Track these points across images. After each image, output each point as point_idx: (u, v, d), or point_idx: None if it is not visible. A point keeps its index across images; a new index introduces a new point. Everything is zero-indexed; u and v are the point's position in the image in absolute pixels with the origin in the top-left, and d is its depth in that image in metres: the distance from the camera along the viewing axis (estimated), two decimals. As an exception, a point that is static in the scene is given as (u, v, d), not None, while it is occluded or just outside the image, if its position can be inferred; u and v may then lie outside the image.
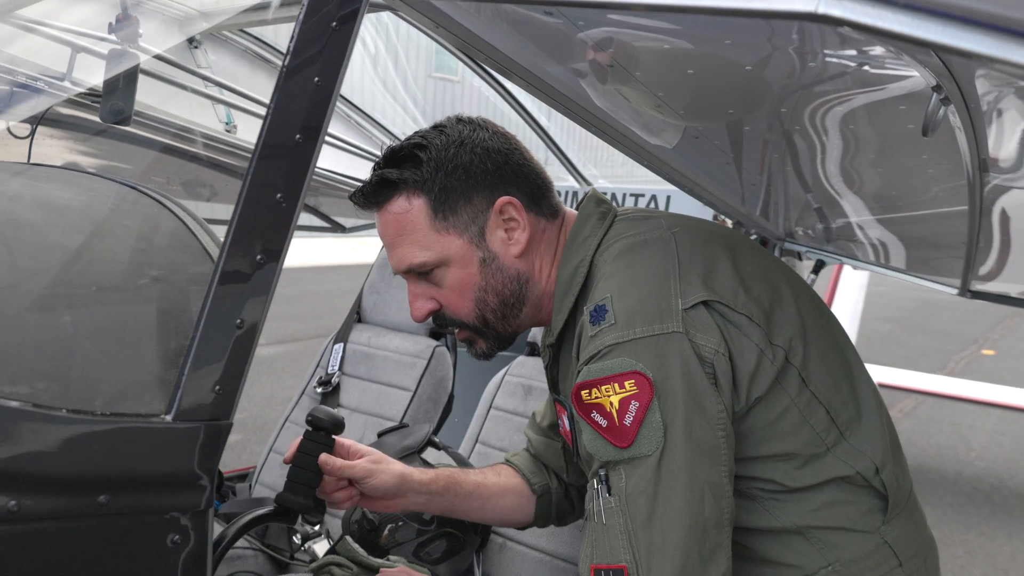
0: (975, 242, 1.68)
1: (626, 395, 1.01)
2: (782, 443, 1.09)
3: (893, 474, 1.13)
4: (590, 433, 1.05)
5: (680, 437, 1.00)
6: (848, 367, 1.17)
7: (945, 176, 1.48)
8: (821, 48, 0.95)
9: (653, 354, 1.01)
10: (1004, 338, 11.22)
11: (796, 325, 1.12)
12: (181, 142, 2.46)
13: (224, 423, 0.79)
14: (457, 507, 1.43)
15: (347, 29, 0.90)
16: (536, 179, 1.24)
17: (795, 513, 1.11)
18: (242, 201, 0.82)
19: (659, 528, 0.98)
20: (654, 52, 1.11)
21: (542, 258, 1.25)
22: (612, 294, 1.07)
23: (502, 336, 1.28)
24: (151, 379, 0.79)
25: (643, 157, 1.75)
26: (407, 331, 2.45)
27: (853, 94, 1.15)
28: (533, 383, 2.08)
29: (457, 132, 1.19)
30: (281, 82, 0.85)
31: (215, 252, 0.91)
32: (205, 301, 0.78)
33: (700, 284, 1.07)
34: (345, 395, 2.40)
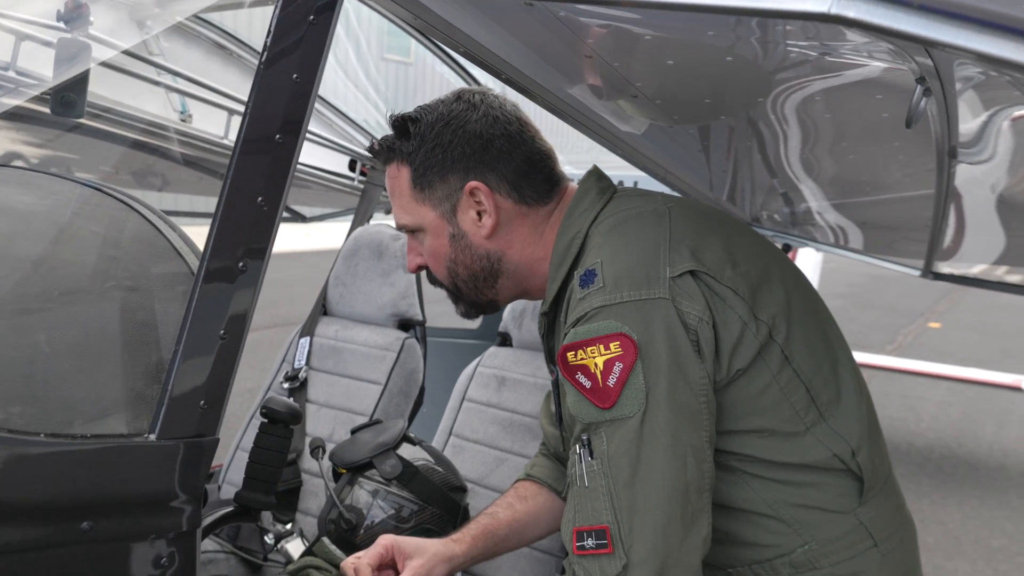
0: (940, 225, 1.71)
1: (611, 356, 1.02)
2: (761, 418, 1.11)
3: (869, 457, 1.15)
4: (574, 395, 1.06)
5: (663, 399, 1.01)
6: (831, 349, 1.19)
7: (913, 162, 1.50)
8: (805, 41, 0.95)
9: (639, 317, 1.03)
10: (949, 311, 11.59)
11: (782, 304, 1.14)
12: (132, 131, 2.37)
13: (210, 439, 0.76)
14: (500, 553, 1.47)
15: (325, 22, 0.86)
16: (522, 165, 1.26)
17: (771, 489, 1.12)
18: (222, 206, 0.78)
19: (641, 489, 1.00)
20: (635, 43, 1.10)
21: (523, 239, 1.28)
22: (602, 259, 1.09)
23: (477, 303, 1.35)
24: (132, 397, 0.75)
25: (612, 143, 1.74)
26: (375, 323, 2.41)
27: (831, 85, 1.15)
28: (507, 374, 2.07)
29: (448, 111, 1.24)
30: (258, 80, 0.81)
31: (190, 257, 0.87)
32: (187, 312, 0.74)
33: (689, 255, 1.09)
34: (313, 390, 2.36)
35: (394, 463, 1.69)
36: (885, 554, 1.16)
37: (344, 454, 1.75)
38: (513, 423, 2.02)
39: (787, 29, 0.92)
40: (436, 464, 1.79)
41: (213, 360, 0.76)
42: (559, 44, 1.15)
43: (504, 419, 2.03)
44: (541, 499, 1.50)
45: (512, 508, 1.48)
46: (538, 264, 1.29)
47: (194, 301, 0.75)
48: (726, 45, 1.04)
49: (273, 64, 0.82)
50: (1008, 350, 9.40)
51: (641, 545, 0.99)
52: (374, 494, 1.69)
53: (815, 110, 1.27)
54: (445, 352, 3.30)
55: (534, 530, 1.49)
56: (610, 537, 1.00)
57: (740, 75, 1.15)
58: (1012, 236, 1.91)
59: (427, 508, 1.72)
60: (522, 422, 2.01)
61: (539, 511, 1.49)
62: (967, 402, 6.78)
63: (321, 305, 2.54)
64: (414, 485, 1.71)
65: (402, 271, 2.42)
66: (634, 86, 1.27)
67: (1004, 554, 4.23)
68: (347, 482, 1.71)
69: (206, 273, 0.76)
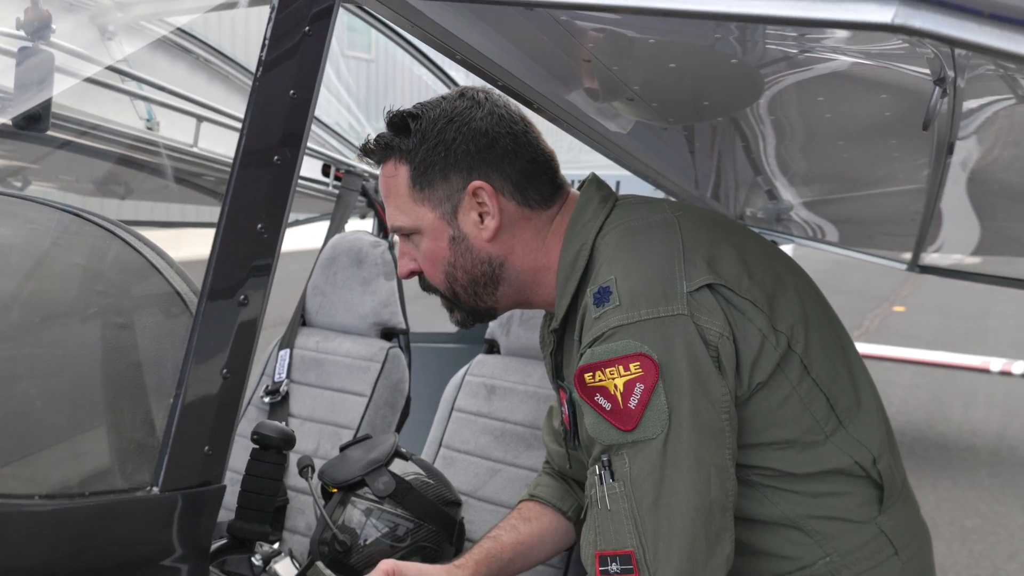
0: (929, 219, 1.71)
1: (631, 377, 1.00)
2: (782, 430, 1.08)
3: (889, 464, 1.14)
4: (593, 416, 1.03)
5: (686, 420, 0.99)
6: (846, 355, 1.17)
7: (907, 158, 1.49)
8: (818, 44, 0.92)
9: (658, 336, 1.00)
10: (912, 295, 11.82)
11: (798, 312, 1.12)
12: (94, 140, 2.28)
13: (216, 488, 0.70)
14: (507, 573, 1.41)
15: (321, 31, 0.81)
16: (527, 166, 1.21)
17: (793, 502, 1.10)
18: (220, 236, 0.72)
19: (666, 512, 0.98)
20: (636, 47, 1.06)
21: (526, 244, 1.23)
22: (616, 276, 1.06)
23: (476, 310, 1.29)
24: (131, 447, 0.70)
25: (603, 146, 1.71)
26: (357, 333, 2.35)
27: (835, 85, 1.13)
28: (496, 382, 2.03)
29: (452, 108, 1.19)
30: (253, 98, 0.75)
31: (183, 288, 0.81)
32: (187, 352, 0.69)
33: (705, 267, 1.06)
34: (296, 404, 2.29)
35: (387, 480, 1.64)
36: (905, 562, 1.14)
37: (334, 472, 1.69)
38: (505, 432, 1.97)
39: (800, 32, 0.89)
40: (430, 479, 1.75)
41: (216, 401, 0.71)
42: (557, 49, 1.11)
43: (496, 429, 1.99)
44: (546, 520, 1.46)
45: (516, 530, 1.43)
46: (541, 273, 1.25)
47: (194, 340, 0.69)
48: (732, 48, 1.01)
49: (268, 80, 0.77)
50: (970, 331, 9.62)
51: (667, 569, 0.97)
52: (367, 513, 1.64)
53: (816, 110, 1.25)
54: (426, 357, 3.24)
55: (539, 552, 1.45)
56: (635, 562, 0.98)
57: (743, 77, 1.12)
58: (997, 228, 1.92)
59: (423, 525, 1.67)
60: (514, 431, 1.96)
61: (544, 532, 1.45)
62: (935, 384, 6.91)
63: (300, 316, 2.47)
64: (408, 502, 1.66)
65: (383, 279, 2.36)
66: (631, 89, 1.24)
67: (978, 534, 4.31)
68: (339, 502, 1.65)
69: (206, 309, 0.71)
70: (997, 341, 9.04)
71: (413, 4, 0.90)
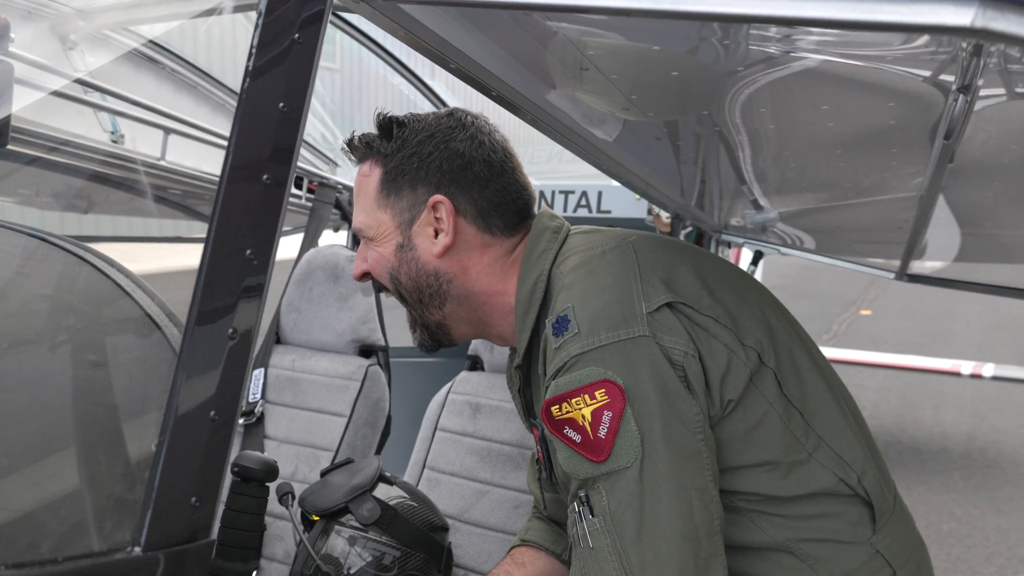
0: (921, 228, 1.69)
1: (597, 405, 0.96)
2: (763, 450, 1.05)
3: (876, 480, 1.10)
4: (565, 451, 0.99)
5: (659, 444, 0.95)
6: (820, 370, 1.14)
7: (903, 167, 1.47)
8: (835, 49, 0.88)
9: (621, 360, 0.97)
10: (878, 298, 12.00)
11: (763, 327, 1.09)
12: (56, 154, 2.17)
13: (205, 543, 0.63)
14: None
15: (311, 38, 0.75)
16: (497, 195, 1.20)
17: (782, 526, 1.07)
18: (206, 264, 0.65)
19: (650, 542, 0.94)
20: (637, 56, 1.01)
21: (482, 268, 1.22)
22: (574, 303, 1.03)
23: (428, 325, 1.28)
24: (108, 502, 0.62)
25: (593, 155, 1.66)
26: (334, 351, 2.27)
27: (842, 93, 1.09)
28: (481, 400, 1.96)
29: (436, 124, 1.21)
30: (240, 112, 0.68)
31: (162, 318, 0.74)
32: (171, 395, 0.61)
33: (663, 287, 1.03)
34: (271, 425, 2.20)
35: (372, 507, 1.57)
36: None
37: (316, 500, 1.61)
38: (492, 452, 1.91)
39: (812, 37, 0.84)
40: (415, 503, 1.67)
41: (204, 447, 0.64)
42: (553, 58, 1.06)
43: (481, 449, 1.92)
44: (540, 564, 1.42)
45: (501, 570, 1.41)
46: (496, 298, 1.22)
47: (179, 380, 0.62)
48: (739, 56, 0.97)
49: (256, 92, 0.70)
50: (936, 333, 9.78)
51: None
52: (351, 542, 1.56)
53: (817, 119, 1.22)
54: (406, 373, 3.16)
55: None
56: None
57: (747, 87, 1.08)
58: (985, 235, 1.91)
59: (410, 553, 1.60)
60: (501, 451, 1.90)
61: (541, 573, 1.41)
62: (904, 387, 6.99)
63: (274, 333, 2.38)
64: (394, 529, 1.59)
65: (361, 294, 2.29)
66: (628, 99, 1.19)
67: (955, 537, 4.34)
68: (321, 531, 1.57)
69: (191, 345, 0.64)
70: (963, 343, 9.21)
71: (408, 11, 0.84)
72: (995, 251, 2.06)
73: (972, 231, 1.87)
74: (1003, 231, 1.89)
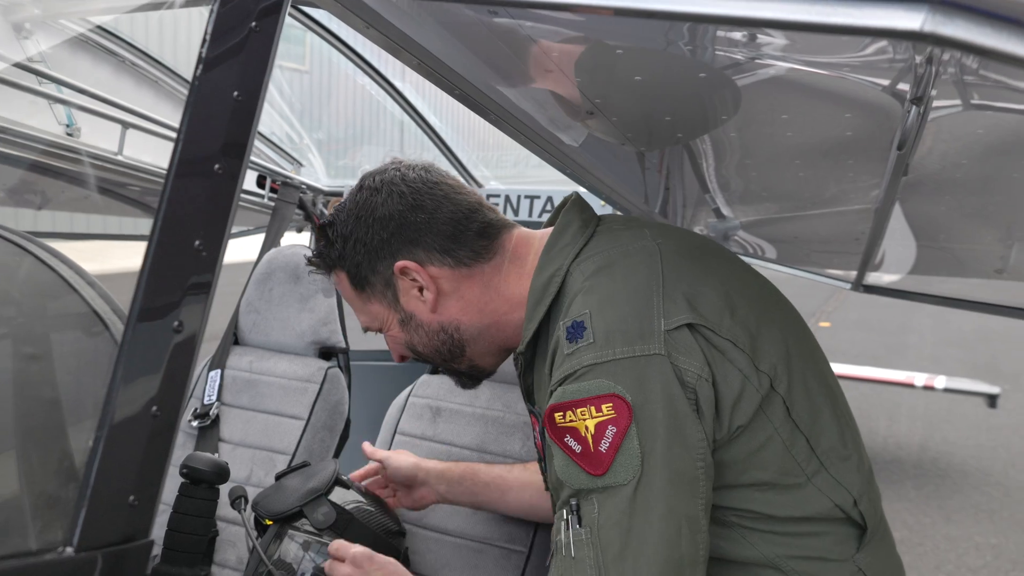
0: (876, 239, 1.72)
1: (603, 419, 0.95)
2: (763, 472, 1.04)
3: (870, 503, 1.09)
4: (562, 459, 0.98)
5: (658, 466, 0.94)
6: (830, 393, 1.11)
7: (859, 179, 1.49)
8: (793, 56, 0.88)
9: (633, 377, 0.95)
10: (837, 310, 12.22)
11: (781, 350, 1.07)
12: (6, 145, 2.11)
13: (142, 544, 0.61)
14: (480, 498, 1.55)
15: (269, 28, 0.73)
16: (447, 228, 1.20)
17: (772, 543, 1.06)
18: (151, 254, 0.63)
19: (632, 564, 0.92)
20: (602, 58, 1.01)
21: (475, 301, 1.22)
22: (591, 310, 1.01)
23: (461, 372, 1.33)
24: (39, 500, 0.60)
25: (558, 159, 1.66)
26: (294, 353, 2.24)
27: (803, 103, 1.10)
28: (442, 404, 1.95)
29: (355, 204, 1.22)
30: (193, 100, 0.67)
31: (106, 311, 0.72)
32: (111, 388, 0.59)
33: (685, 304, 1.01)
34: (227, 428, 2.16)
35: (327, 510, 1.54)
36: None
37: (270, 504, 1.58)
38: (451, 456, 1.89)
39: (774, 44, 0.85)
40: (371, 507, 1.65)
41: (144, 444, 0.61)
42: (519, 59, 1.06)
43: (441, 453, 1.90)
44: (537, 477, 1.47)
45: (509, 469, 1.52)
46: (505, 318, 1.22)
47: (119, 372, 0.60)
48: (701, 64, 0.97)
49: (210, 81, 0.68)
50: (891, 346, 10.00)
51: None
52: (305, 547, 1.53)
53: (776, 128, 1.23)
54: (366, 376, 3.13)
55: (518, 496, 1.51)
56: None
57: (708, 94, 1.09)
58: (939, 248, 1.95)
59: None
60: (461, 455, 1.88)
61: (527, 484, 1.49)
62: (861, 398, 7.12)
63: (232, 334, 2.33)
64: (349, 533, 1.56)
65: (322, 296, 2.26)
66: (592, 102, 1.19)
67: (906, 545, 4.43)
68: (274, 535, 1.54)
69: (133, 336, 0.62)
70: (917, 356, 9.42)
71: (369, 5, 0.83)
72: (948, 264, 2.11)
73: (926, 244, 1.91)
74: (956, 245, 1.93)
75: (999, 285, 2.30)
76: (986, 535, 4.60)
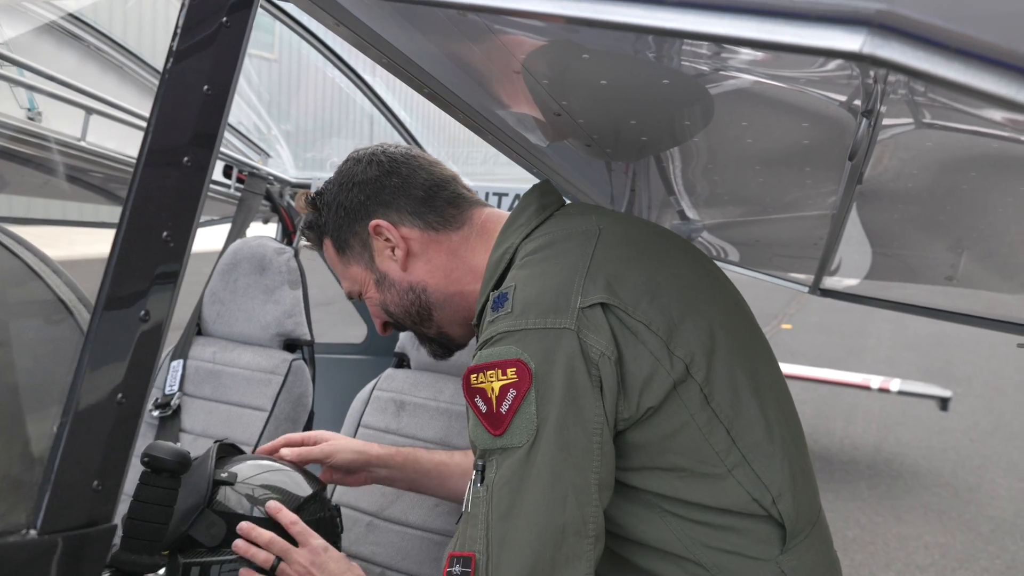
0: (833, 244, 1.77)
1: (507, 383, 1.01)
2: (678, 458, 1.07)
3: (793, 503, 1.10)
4: (472, 419, 1.05)
5: (551, 433, 0.98)
6: (759, 389, 1.13)
7: (817, 185, 1.54)
8: (754, 68, 0.92)
9: (539, 346, 1.01)
10: (798, 313, 12.44)
11: (705, 340, 1.09)
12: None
13: (105, 528, 0.62)
14: (419, 484, 1.60)
15: (240, 23, 0.74)
16: (420, 193, 1.31)
17: (691, 529, 1.08)
18: (119, 244, 0.64)
19: (514, 524, 0.97)
20: (569, 61, 1.03)
21: (442, 266, 1.31)
22: (517, 283, 1.08)
23: (431, 339, 1.40)
24: (4, 483, 0.60)
25: (519, 154, 1.68)
26: (258, 344, 2.23)
27: (761, 112, 1.14)
28: (406, 398, 1.96)
29: (340, 174, 1.36)
30: (162, 92, 0.68)
31: (70, 298, 0.72)
32: (77, 375, 0.60)
33: (604, 285, 1.05)
34: (188, 418, 2.15)
35: (212, 523, 1.31)
36: None
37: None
38: (414, 450, 1.91)
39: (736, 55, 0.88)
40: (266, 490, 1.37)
41: (109, 430, 0.62)
42: (486, 59, 1.08)
43: (405, 446, 1.91)
44: None
45: (450, 455, 1.59)
46: (468, 288, 1.30)
47: (85, 359, 0.61)
48: (666, 67, 1.00)
49: (180, 73, 0.69)
50: (851, 349, 10.21)
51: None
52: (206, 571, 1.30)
53: (737, 135, 1.26)
54: (331, 368, 3.12)
55: (459, 483, 1.55)
56: (474, 567, 0.97)
57: (672, 99, 1.12)
58: (892, 255, 2.01)
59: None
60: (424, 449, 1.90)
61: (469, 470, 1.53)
62: (819, 400, 7.28)
63: (195, 324, 2.32)
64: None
65: (288, 287, 2.26)
66: (559, 104, 1.21)
67: (858, 544, 4.54)
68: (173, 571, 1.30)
69: (100, 324, 0.63)
70: (874, 359, 9.64)
71: (339, 1, 0.84)
72: (902, 271, 2.18)
73: (880, 250, 1.97)
74: (909, 252, 2.00)
75: (951, 292, 2.38)
76: (935, 534, 4.74)
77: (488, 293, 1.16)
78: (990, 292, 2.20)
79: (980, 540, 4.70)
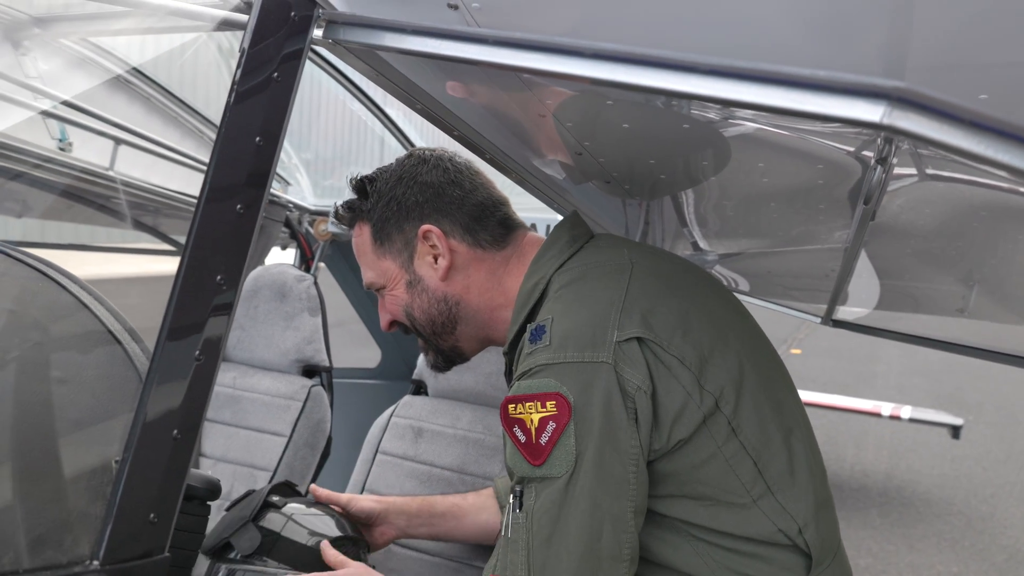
0: (846, 277, 1.80)
1: (546, 415, 1.03)
2: (704, 487, 1.09)
3: (817, 533, 1.13)
4: (511, 447, 1.07)
5: (589, 465, 1.02)
6: (783, 421, 1.16)
7: (830, 221, 1.57)
8: (771, 119, 0.96)
9: (578, 380, 1.03)
10: (808, 337, 12.41)
11: (734, 373, 1.12)
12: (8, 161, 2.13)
13: (161, 559, 0.65)
14: (436, 527, 1.58)
15: (289, 76, 0.79)
16: (475, 210, 1.30)
17: (717, 554, 1.10)
18: (178, 288, 0.68)
19: (555, 550, 1.01)
20: (591, 108, 1.08)
21: (481, 284, 1.31)
22: (554, 316, 1.10)
23: (442, 351, 1.38)
24: (69, 517, 0.64)
25: (540, 189, 1.73)
26: (277, 370, 2.27)
27: (779, 158, 1.18)
28: (424, 425, 1.99)
29: (401, 168, 1.32)
30: (219, 146, 0.72)
31: (123, 334, 0.76)
32: (138, 413, 0.64)
33: (639, 320, 1.08)
34: (208, 443, 2.18)
35: (251, 535, 1.45)
36: None
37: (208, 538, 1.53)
38: (432, 477, 1.94)
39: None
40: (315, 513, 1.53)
41: (165, 465, 0.66)
42: (513, 103, 1.12)
43: (422, 473, 1.95)
44: (492, 503, 1.55)
45: (463, 497, 1.59)
46: (498, 311, 1.31)
47: (146, 399, 0.65)
48: (686, 115, 1.04)
49: (235, 125, 0.74)
50: (860, 375, 10.17)
51: None
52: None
53: (753, 175, 1.30)
54: (348, 393, 3.16)
55: (475, 520, 1.57)
56: None
57: (693, 145, 1.16)
58: (903, 287, 2.04)
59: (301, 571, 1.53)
60: (441, 476, 1.93)
61: (482, 508, 1.56)
62: (829, 426, 7.25)
63: (216, 350, 2.36)
64: (278, 552, 1.50)
65: (307, 314, 2.30)
66: (581, 144, 1.26)
67: (870, 572, 4.51)
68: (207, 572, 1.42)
69: (159, 365, 0.66)
70: (884, 385, 9.60)
71: (382, 56, 0.89)
72: (912, 302, 2.20)
73: (891, 283, 2.00)
74: (920, 284, 2.02)
75: (963, 323, 2.40)
76: (948, 563, 4.70)
77: (521, 322, 1.19)
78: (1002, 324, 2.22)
79: (994, 570, 4.67)
